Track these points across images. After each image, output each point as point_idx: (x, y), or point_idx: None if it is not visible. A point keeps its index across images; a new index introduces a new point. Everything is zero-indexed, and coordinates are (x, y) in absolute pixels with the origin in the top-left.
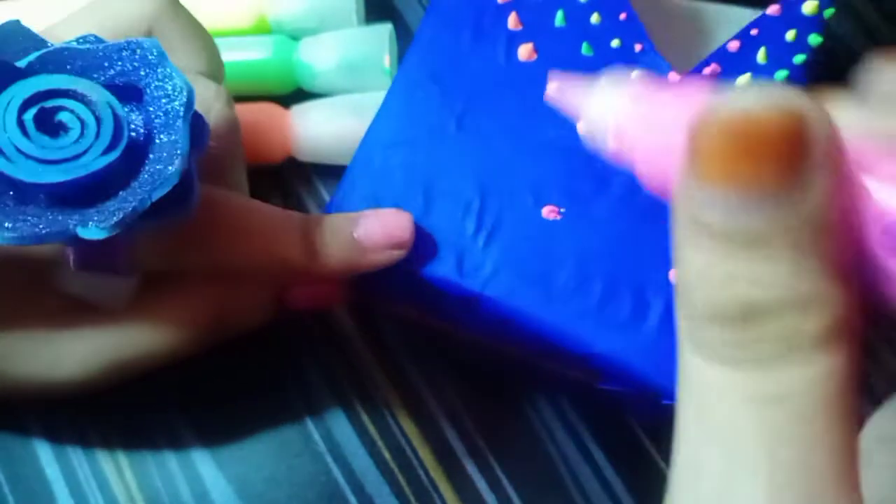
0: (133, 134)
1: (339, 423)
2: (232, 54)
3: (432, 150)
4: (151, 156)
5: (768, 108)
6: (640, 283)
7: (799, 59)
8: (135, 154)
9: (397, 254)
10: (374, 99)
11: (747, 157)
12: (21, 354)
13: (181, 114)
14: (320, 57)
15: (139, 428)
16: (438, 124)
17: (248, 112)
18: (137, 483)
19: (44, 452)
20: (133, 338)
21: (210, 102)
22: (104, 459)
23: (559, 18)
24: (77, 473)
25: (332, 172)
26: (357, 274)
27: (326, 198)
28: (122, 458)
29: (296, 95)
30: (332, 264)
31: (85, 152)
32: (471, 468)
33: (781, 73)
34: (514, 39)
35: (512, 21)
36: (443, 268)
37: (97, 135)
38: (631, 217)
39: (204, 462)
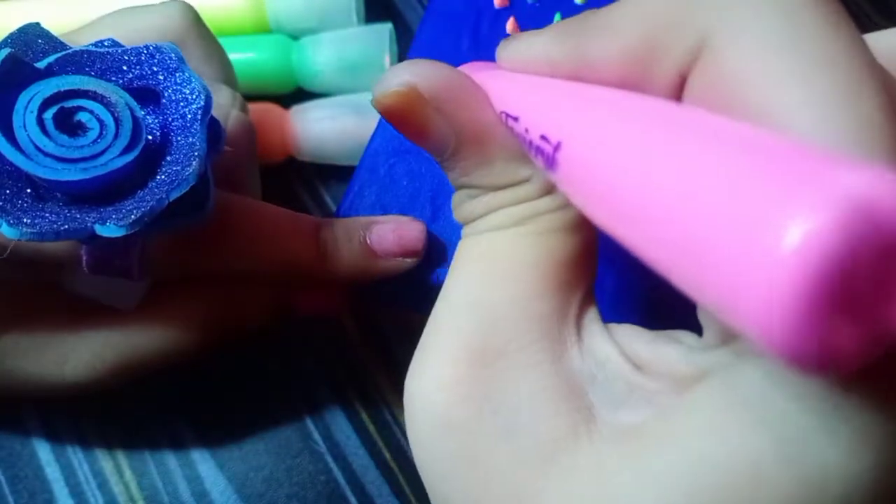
0: (150, 136)
1: (339, 423)
2: (232, 54)
3: None
4: (169, 157)
5: (386, 94)
6: (652, 281)
7: None
8: (151, 155)
9: (409, 262)
10: None
11: (401, 128)
12: (28, 353)
13: (199, 117)
14: (320, 56)
15: (139, 428)
16: None
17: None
18: (137, 483)
19: (43, 452)
20: (140, 338)
21: (227, 108)
22: (104, 459)
23: (556, 21)
24: (77, 473)
25: (332, 172)
26: (366, 280)
27: (326, 198)
28: (122, 457)
29: (296, 95)
30: (342, 269)
31: (103, 152)
32: None
33: None
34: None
35: (510, 26)
36: None
37: (116, 135)
38: None
39: (204, 462)
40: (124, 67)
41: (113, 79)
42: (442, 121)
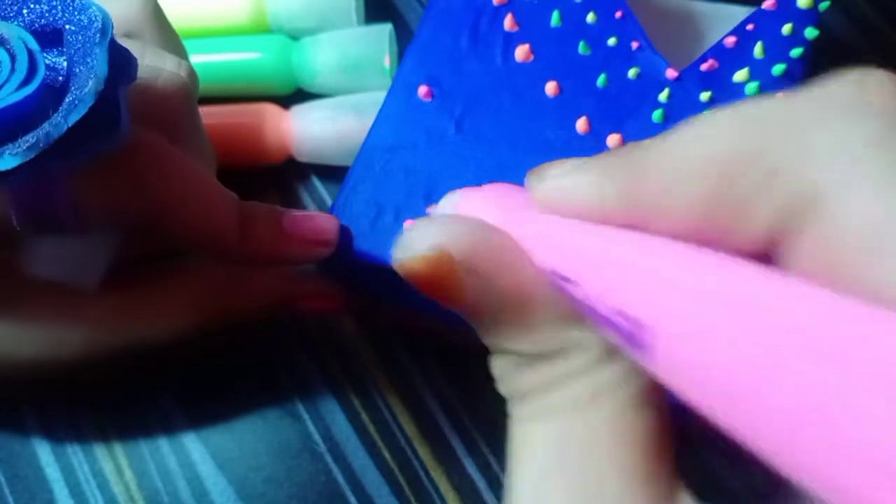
0: (60, 77)
1: (339, 423)
2: (232, 54)
3: (432, 153)
4: (72, 88)
5: (414, 259)
6: None
7: (796, 52)
8: (57, 93)
9: (320, 251)
10: (374, 99)
11: (432, 294)
12: (21, 339)
13: (97, 40)
14: (320, 57)
15: (139, 428)
16: (438, 127)
17: (247, 112)
18: (137, 483)
19: (43, 452)
20: (134, 322)
21: (161, 70)
22: (104, 459)
23: (555, 18)
24: (77, 473)
25: (331, 172)
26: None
27: (326, 197)
28: (122, 458)
29: (296, 95)
30: (257, 248)
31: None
32: (470, 467)
33: (779, 67)
34: (511, 40)
35: (508, 22)
36: None
37: (12, 70)
38: None
39: (204, 462)
40: (24, 10)
41: (15, 22)
42: (478, 285)
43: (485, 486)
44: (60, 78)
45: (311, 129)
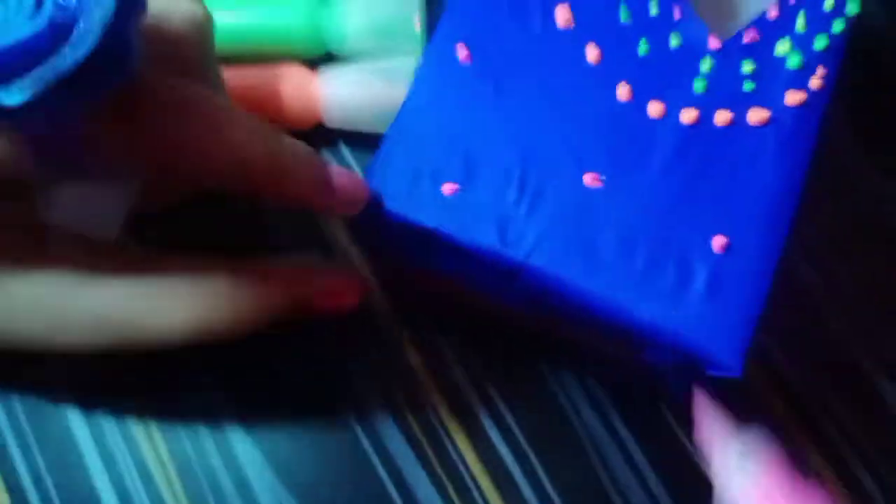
0: (69, 13)
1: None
2: (260, 17)
3: (471, 117)
4: (80, 21)
5: None
6: (684, 251)
7: (838, 27)
8: (66, 31)
9: (348, 208)
10: (404, 64)
11: None
12: (29, 316)
13: None
14: (350, 19)
15: (177, 407)
16: (476, 91)
17: (273, 75)
18: (168, 451)
19: (75, 418)
20: (143, 311)
21: (175, 10)
22: (136, 429)
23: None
24: (107, 439)
25: (360, 140)
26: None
27: (354, 165)
28: (157, 435)
29: (325, 60)
30: (293, 187)
31: (6, 22)
32: (496, 439)
33: (821, 42)
34: (551, 3)
35: None
36: (485, 237)
37: (18, 7)
38: (674, 184)
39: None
40: None
41: None
42: None
43: (511, 459)
44: (69, 14)
45: (339, 94)
